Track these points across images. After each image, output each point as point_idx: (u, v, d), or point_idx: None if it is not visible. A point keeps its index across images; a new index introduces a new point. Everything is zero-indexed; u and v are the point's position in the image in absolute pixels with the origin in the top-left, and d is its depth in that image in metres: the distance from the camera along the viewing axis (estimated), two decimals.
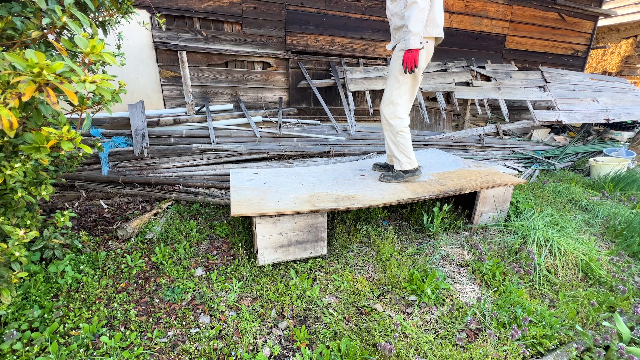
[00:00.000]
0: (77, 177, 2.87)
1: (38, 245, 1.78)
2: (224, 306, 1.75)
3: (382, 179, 2.56)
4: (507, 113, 4.70)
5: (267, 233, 1.98)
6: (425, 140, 4.25)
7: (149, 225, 2.46)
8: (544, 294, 1.99)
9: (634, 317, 1.78)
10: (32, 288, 1.69)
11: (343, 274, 2.02)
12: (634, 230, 2.55)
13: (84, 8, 1.42)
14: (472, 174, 2.74)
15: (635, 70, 8.26)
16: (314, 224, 2.07)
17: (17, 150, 1.20)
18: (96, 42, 0.99)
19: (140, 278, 1.96)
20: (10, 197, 1.29)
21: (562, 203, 3.13)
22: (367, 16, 4.33)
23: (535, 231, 2.30)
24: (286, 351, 1.54)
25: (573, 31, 5.83)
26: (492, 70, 5.07)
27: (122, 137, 3.17)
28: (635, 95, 5.55)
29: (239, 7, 3.71)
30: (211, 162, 3.36)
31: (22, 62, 0.87)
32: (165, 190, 2.95)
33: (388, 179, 2.54)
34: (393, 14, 2.31)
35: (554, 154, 4.65)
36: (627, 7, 7.98)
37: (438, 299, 1.86)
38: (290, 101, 4.26)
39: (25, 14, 1.23)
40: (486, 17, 5.05)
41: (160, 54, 3.56)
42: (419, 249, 2.35)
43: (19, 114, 0.97)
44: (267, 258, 2.04)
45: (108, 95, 1.05)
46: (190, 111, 3.70)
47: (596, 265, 2.12)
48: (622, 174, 3.67)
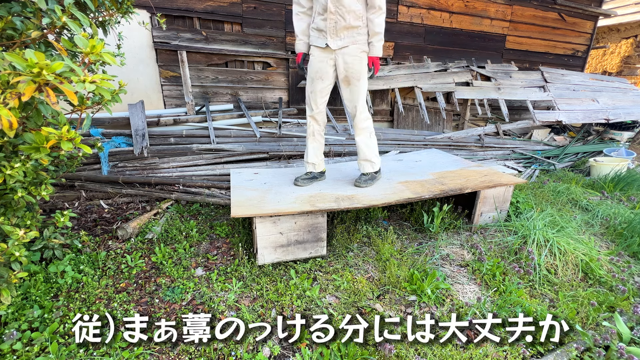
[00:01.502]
0: (77, 177, 2.87)
1: (38, 245, 1.78)
2: (224, 306, 1.75)
3: (360, 184, 2.42)
4: (507, 113, 4.69)
5: (267, 232, 1.98)
6: (425, 140, 4.25)
7: (149, 225, 2.46)
8: (544, 294, 1.99)
9: (634, 317, 1.78)
10: (32, 288, 1.69)
11: (343, 274, 2.02)
12: (634, 230, 2.54)
13: (84, 8, 1.42)
14: (472, 173, 2.74)
15: (635, 70, 8.26)
16: (314, 224, 2.07)
17: (17, 150, 1.20)
18: (96, 42, 0.99)
19: (140, 278, 1.96)
20: (10, 197, 1.29)
21: (562, 203, 3.13)
22: None
23: (535, 231, 2.30)
24: (286, 351, 1.54)
25: (573, 31, 5.82)
26: (492, 70, 5.07)
27: (122, 137, 3.17)
28: (635, 95, 5.55)
29: (239, 7, 3.71)
30: (211, 162, 3.36)
31: (22, 62, 0.87)
32: (165, 190, 2.95)
33: (367, 183, 2.43)
34: (349, 11, 2.06)
35: (554, 154, 4.65)
36: (627, 7, 7.98)
37: (438, 299, 1.86)
38: (290, 101, 4.25)
39: (25, 14, 1.23)
40: (486, 17, 5.05)
41: (160, 54, 3.56)
42: (419, 249, 2.34)
43: (19, 114, 0.97)
44: (266, 258, 2.04)
45: (108, 95, 1.05)
46: (190, 111, 3.70)
47: (596, 265, 2.12)
48: (622, 174, 3.67)
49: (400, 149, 4.02)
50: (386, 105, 5.02)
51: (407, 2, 4.49)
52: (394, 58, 4.71)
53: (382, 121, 5.01)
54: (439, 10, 4.73)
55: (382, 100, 4.97)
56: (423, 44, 4.79)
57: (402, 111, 4.53)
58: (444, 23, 4.82)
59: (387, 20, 4.45)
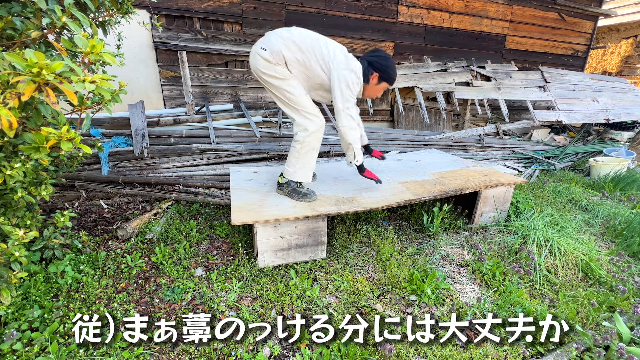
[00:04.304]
0: (77, 177, 2.86)
1: (38, 245, 1.78)
2: (224, 306, 1.75)
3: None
4: (507, 113, 4.69)
5: (268, 236, 1.98)
6: (425, 140, 4.25)
7: (149, 225, 2.46)
8: (544, 294, 1.99)
9: (634, 317, 1.78)
10: (32, 288, 1.69)
11: (343, 274, 2.02)
12: (634, 230, 2.54)
13: (84, 8, 1.42)
14: (472, 173, 2.74)
15: (635, 70, 8.26)
16: (314, 227, 2.06)
17: (17, 150, 1.20)
18: (96, 42, 0.99)
19: (140, 278, 1.96)
20: (10, 197, 1.29)
21: (562, 203, 3.12)
22: (367, 16, 4.33)
23: (535, 231, 2.30)
24: (286, 351, 1.54)
25: (573, 31, 5.83)
26: (492, 70, 5.07)
27: (122, 137, 3.17)
28: (635, 95, 5.55)
29: (239, 7, 3.71)
30: (211, 162, 3.36)
31: (22, 62, 0.87)
32: (165, 190, 2.95)
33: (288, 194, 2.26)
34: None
35: (554, 154, 4.65)
36: (627, 7, 7.98)
37: (438, 299, 1.86)
38: None
39: (25, 14, 1.23)
40: (486, 17, 5.05)
41: (160, 54, 3.56)
42: (419, 249, 2.34)
43: (19, 114, 0.97)
44: (267, 261, 2.04)
45: (108, 95, 1.05)
46: (190, 111, 3.69)
47: (596, 265, 2.12)
48: (622, 174, 3.67)
49: (400, 149, 4.02)
50: (386, 105, 5.02)
51: (407, 2, 4.49)
52: (394, 58, 4.71)
53: (382, 121, 5.02)
54: (439, 10, 4.73)
55: (382, 100, 4.97)
56: (423, 44, 4.79)
57: (402, 111, 4.53)
58: (444, 23, 4.82)
59: (387, 20, 4.46)
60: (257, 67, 1.97)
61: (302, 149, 2.11)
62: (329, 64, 1.98)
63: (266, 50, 1.93)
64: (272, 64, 1.94)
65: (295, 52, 1.96)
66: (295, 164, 2.15)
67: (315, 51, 1.99)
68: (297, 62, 1.99)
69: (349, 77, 1.95)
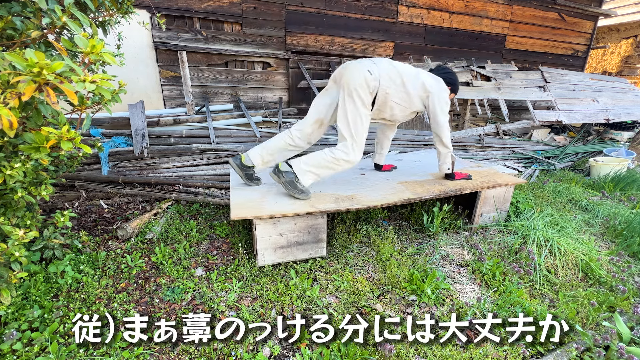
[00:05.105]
0: (77, 177, 2.86)
1: (38, 245, 1.78)
2: (224, 306, 1.75)
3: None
4: (507, 113, 4.69)
5: (267, 234, 1.98)
6: (425, 141, 4.25)
7: (149, 225, 2.46)
8: (544, 294, 1.99)
9: (634, 317, 1.78)
10: (32, 288, 1.69)
11: (343, 274, 2.02)
12: (634, 230, 2.55)
13: (84, 8, 1.42)
14: (472, 173, 2.74)
15: (635, 70, 8.26)
16: (314, 225, 2.06)
17: (17, 150, 1.20)
18: (96, 42, 0.99)
19: (140, 278, 1.96)
20: (10, 197, 1.29)
21: (562, 203, 3.13)
22: (367, 16, 4.32)
23: (535, 231, 2.30)
24: (286, 351, 1.54)
25: (573, 31, 5.82)
26: (492, 70, 5.07)
27: (122, 137, 3.17)
28: (635, 95, 5.55)
29: (239, 7, 3.71)
30: (211, 162, 3.36)
31: (22, 62, 0.87)
32: (165, 190, 2.95)
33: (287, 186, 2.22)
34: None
35: (554, 154, 4.65)
36: (627, 7, 7.98)
37: (438, 299, 1.86)
38: (291, 101, 4.25)
39: (25, 14, 1.23)
40: (486, 17, 5.05)
41: (160, 54, 3.56)
42: (419, 249, 2.34)
43: (19, 113, 0.97)
44: (266, 259, 2.04)
45: (108, 95, 1.05)
46: (190, 111, 3.69)
47: (596, 265, 2.12)
48: (622, 174, 3.67)
49: (400, 149, 4.02)
50: None
51: (407, 2, 4.49)
52: (394, 58, 4.70)
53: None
54: (439, 10, 4.73)
55: None
56: (423, 43, 4.79)
57: None
58: (444, 23, 4.81)
59: (387, 20, 4.46)
60: (356, 84, 2.04)
61: (330, 164, 2.13)
62: (428, 89, 2.27)
63: (372, 75, 2.06)
64: (369, 92, 2.08)
65: (388, 88, 2.15)
66: (313, 167, 2.13)
67: (413, 82, 2.24)
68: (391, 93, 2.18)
69: (445, 96, 2.34)
